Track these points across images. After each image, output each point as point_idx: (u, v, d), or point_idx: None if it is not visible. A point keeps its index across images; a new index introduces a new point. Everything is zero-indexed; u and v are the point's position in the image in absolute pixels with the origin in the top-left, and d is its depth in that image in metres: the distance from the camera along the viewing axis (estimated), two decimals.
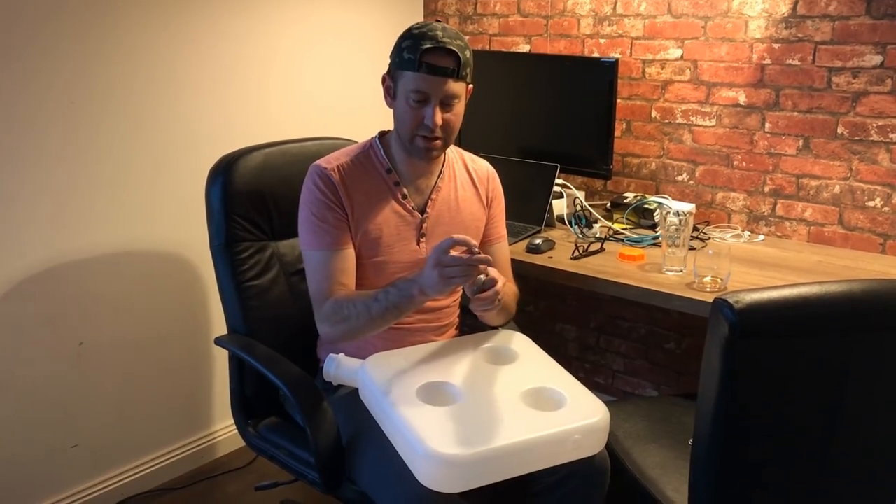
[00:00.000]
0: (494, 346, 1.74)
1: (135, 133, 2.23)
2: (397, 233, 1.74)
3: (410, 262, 1.74)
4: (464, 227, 1.81)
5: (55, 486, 2.22)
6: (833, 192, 2.33)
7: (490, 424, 1.44)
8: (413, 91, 1.62)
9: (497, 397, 1.53)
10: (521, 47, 2.85)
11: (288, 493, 2.11)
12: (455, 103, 1.66)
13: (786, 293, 1.21)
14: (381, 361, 1.64)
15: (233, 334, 1.89)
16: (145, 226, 2.30)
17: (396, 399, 1.50)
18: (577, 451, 1.48)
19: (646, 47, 2.59)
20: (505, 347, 1.74)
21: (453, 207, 1.81)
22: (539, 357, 1.72)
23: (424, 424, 1.42)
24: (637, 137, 2.67)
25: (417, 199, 1.77)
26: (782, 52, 2.34)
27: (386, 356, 1.66)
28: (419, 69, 1.60)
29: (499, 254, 1.89)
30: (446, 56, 1.61)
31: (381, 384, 1.55)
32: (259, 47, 2.50)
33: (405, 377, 1.58)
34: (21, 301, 2.06)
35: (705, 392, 1.25)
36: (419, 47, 1.60)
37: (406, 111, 1.65)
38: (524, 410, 1.50)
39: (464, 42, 1.65)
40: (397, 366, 1.62)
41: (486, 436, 1.40)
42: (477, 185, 1.86)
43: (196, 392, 2.55)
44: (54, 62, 2.03)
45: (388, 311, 1.61)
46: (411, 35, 1.63)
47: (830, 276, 2.09)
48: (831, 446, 1.28)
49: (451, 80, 1.62)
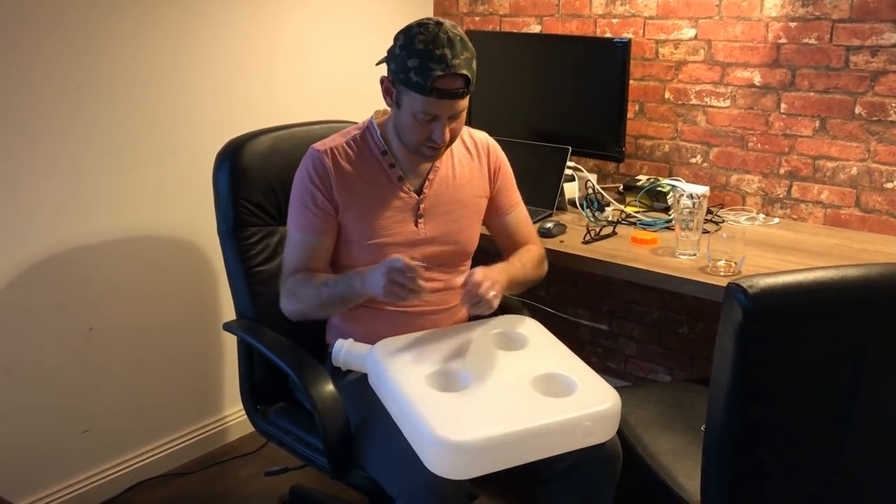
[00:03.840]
0: (504, 331, 1.72)
1: (141, 117, 2.22)
2: (394, 214, 1.73)
3: (409, 243, 1.73)
4: (462, 206, 1.80)
5: (66, 471, 2.23)
6: (850, 174, 2.29)
7: (499, 411, 1.43)
8: (422, 112, 1.61)
9: (507, 383, 1.51)
10: (532, 28, 2.82)
11: (298, 478, 2.11)
12: (462, 113, 1.66)
13: (801, 278, 1.18)
14: (389, 346, 1.62)
15: (241, 320, 1.88)
16: (153, 211, 2.29)
17: (405, 385, 1.48)
18: (589, 437, 1.46)
19: (659, 27, 2.55)
20: (515, 333, 1.72)
21: (452, 187, 1.80)
22: (549, 342, 1.70)
23: (433, 411, 1.41)
24: (650, 119, 2.64)
25: (414, 181, 1.77)
26: (798, 30, 2.29)
27: (394, 341, 1.65)
28: (430, 94, 1.58)
29: (517, 221, 1.89)
30: (457, 79, 1.59)
31: (390, 370, 1.54)
32: (267, 30, 2.48)
33: (414, 363, 1.57)
34: (29, 287, 2.06)
35: (718, 377, 1.23)
36: (429, 73, 1.55)
37: (413, 126, 1.64)
38: (534, 397, 1.48)
39: (470, 51, 1.61)
40: (406, 351, 1.61)
41: (495, 423, 1.39)
42: (478, 158, 1.85)
43: (206, 377, 2.55)
44: (59, 46, 2.02)
45: (334, 298, 1.66)
46: (416, 52, 1.56)
47: (847, 259, 2.06)
48: (846, 433, 1.25)
49: (461, 100, 1.62)
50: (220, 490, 2.40)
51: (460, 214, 1.80)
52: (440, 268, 1.78)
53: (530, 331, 1.73)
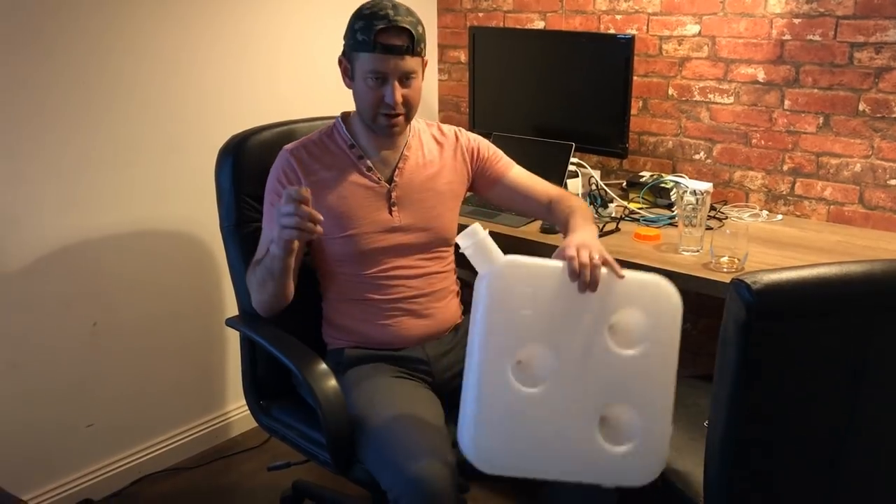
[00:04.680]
0: (629, 320, 1.45)
1: (145, 112, 2.22)
2: (367, 204, 1.74)
3: (384, 230, 1.75)
4: (436, 192, 1.81)
5: (71, 465, 2.24)
6: (854, 171, 2.29)
7: (546, 442, 1.40)
8: (370, 72, 1.65)
9: (576, 404, 1.41)
10: (535, 24, 2.81)
11: (301, 473, 2.11)
12: (413, 78, 1.69)
13: (804, 274, 1.18)
14: (507, 284, 1.40)
15: (244, 315, 1.88)
16: (157, 206, 2.30)
17: (490, 352, 1.38)
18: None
19: (663, 23, 2.54)
20: (639, 325, 1.44)
21: (423, 175, 1.81)
22: (664, 351, 1.44)
23: (490, 403, 1.37)
24: (653, 115, 2.63)
25: (385, 171, 1.78)
26: (803, 27, 2.29)
27: (518, 270, 1.41)
28: (374, 50, 1.63)
29: (517, 182, 1.90)
30: (400, 34, 1.64)
31: (489, 320, 1.38)
32: (270, 26, 2.48)
33: (517, 322, 1.40)
34: (34, 281, 2.07)
35: (721, 374, 1.23)
36: (372, 28, 1.62)
37: (366, 91, 1.68)
38: (591, 435, 1.40)
39: (416, 18, 1.67)
40: (520, 299, 1.41)
41: (530, 457, 1.39)
42: (450, 147, 1.86)
43: (210, 372, 2.56)
44: (64, 43, 2.02)
45: (265, 273, 1.65)
46: (362, 16, 1.65)
47: (850, 256, 2.05)
48: (849, 429, 1.25)
49: (408, 57, 1.66)
50: (223, 484, 2.40)
51: (436, 201, 1.81)
52: (419, 254, 1.79)
53: (656, 332, 1.44)
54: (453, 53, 3.06)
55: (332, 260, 1.78)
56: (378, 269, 1.76)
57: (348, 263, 1.76)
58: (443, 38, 3.07)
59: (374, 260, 1.75)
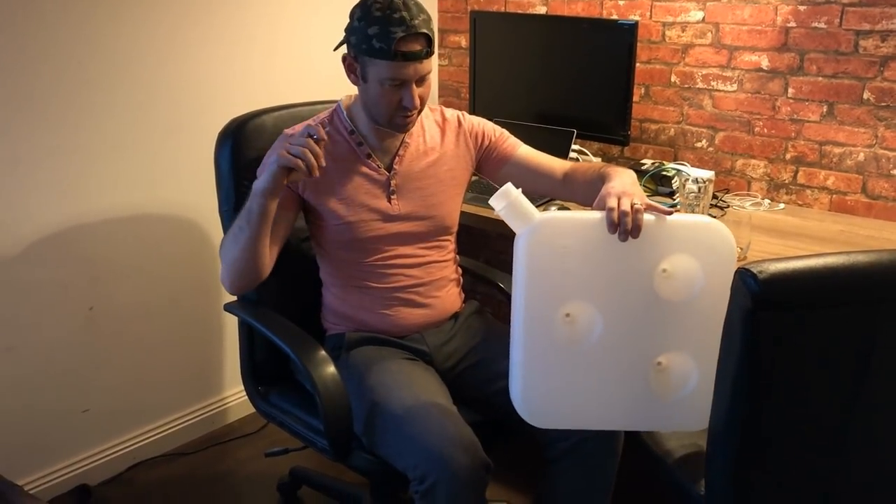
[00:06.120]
0: (680, 265, 1.40)
1: (143, 95, 2.19)
2: (365, 192, 1.73)
3: (383, 219, 1.73)
4: (437, 180, 1.79)
5: (66, 450, 2.23)
6: (857, 160, 2.27)
7: (601, 394, 1.41)
8: (389, 78, 1.61)
9: (630, 351, 1.39)
10: (537, 9, 2.79)
11: (298, 459, 2.11)
12: (428, 77, 1.67)
13: (811, 263, 1.17)
14: (545, 240, 1.37)
15: (242, 300, 1.87)
16: (155, 190, 2.28)
17: (534, 310, 1.37)
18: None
19: (666, 9, 2.52)
20: (690, 270, 1.39)
21: (424, 162, 1.78)
22: (719, 299, 1.28)
23: (538, 362, 1.39)
24: (656, 103, 2.61)
25: (384, 158, 1.76)
26: (808, 14, 2.26)
27: (554, 234, 1.38)
28: (395, 58, 1.58)
29: (528, 159, 1.85)
30: (418, 39, 1.60)
31: (532, 280, 1.37)
32: (269, 9, 2.45)
33: (559, 278, 1.37)
34: (30, 266, 2.05)
35: (725, 364, 1.22)
36: (390, 36, 1.57)
37: (382, 95, 1.64)
38: (645, 383, 1.39)
39: (426, 13, 1.63)
40: (560, 255, 1.38)
41: (588, 407, 1.41)
42: (452, 132, 1.83)
43: (207, 357, 2.54)
44: (58, 22, 1.99)
45: (242, 220, 1.59)
46: (374, 19, 1.58)
47: (853, 245, 2.04)
48: (854, 419, 1.24)
49: (425, 60, 1.63)
50: (220, 470, 2.40)
51: (436, 189, 1.79)
52: (418, 243, 1.77)
53: (706, 267, 1.38)
54: (454, 38, 3.03)
55: (331, 247, 1.76)
56: (377, 257, 1.74)
57: (347, 250, 1.75)
58: (443, 22, 3.04)
59: (373, 248, 1.74)
